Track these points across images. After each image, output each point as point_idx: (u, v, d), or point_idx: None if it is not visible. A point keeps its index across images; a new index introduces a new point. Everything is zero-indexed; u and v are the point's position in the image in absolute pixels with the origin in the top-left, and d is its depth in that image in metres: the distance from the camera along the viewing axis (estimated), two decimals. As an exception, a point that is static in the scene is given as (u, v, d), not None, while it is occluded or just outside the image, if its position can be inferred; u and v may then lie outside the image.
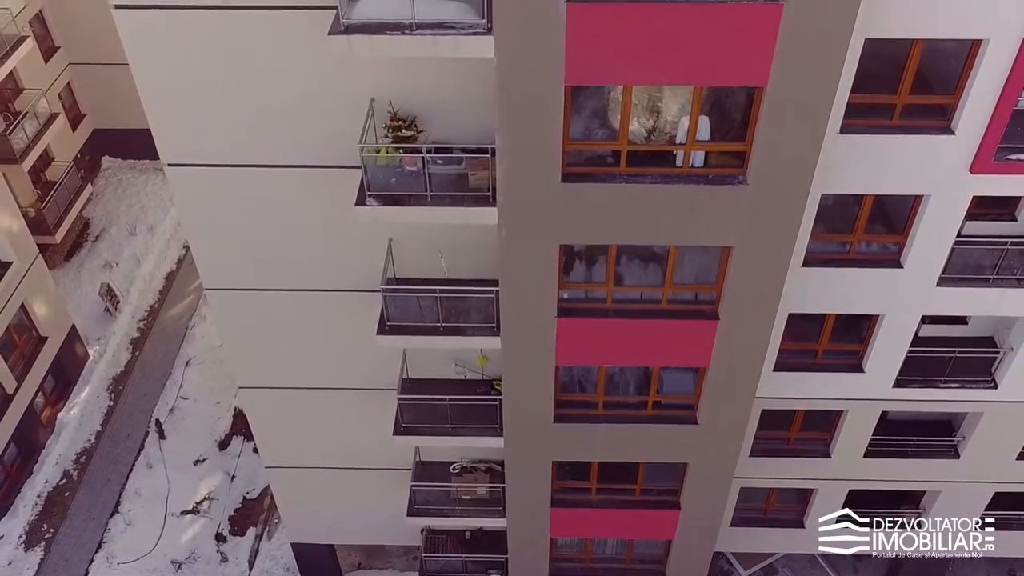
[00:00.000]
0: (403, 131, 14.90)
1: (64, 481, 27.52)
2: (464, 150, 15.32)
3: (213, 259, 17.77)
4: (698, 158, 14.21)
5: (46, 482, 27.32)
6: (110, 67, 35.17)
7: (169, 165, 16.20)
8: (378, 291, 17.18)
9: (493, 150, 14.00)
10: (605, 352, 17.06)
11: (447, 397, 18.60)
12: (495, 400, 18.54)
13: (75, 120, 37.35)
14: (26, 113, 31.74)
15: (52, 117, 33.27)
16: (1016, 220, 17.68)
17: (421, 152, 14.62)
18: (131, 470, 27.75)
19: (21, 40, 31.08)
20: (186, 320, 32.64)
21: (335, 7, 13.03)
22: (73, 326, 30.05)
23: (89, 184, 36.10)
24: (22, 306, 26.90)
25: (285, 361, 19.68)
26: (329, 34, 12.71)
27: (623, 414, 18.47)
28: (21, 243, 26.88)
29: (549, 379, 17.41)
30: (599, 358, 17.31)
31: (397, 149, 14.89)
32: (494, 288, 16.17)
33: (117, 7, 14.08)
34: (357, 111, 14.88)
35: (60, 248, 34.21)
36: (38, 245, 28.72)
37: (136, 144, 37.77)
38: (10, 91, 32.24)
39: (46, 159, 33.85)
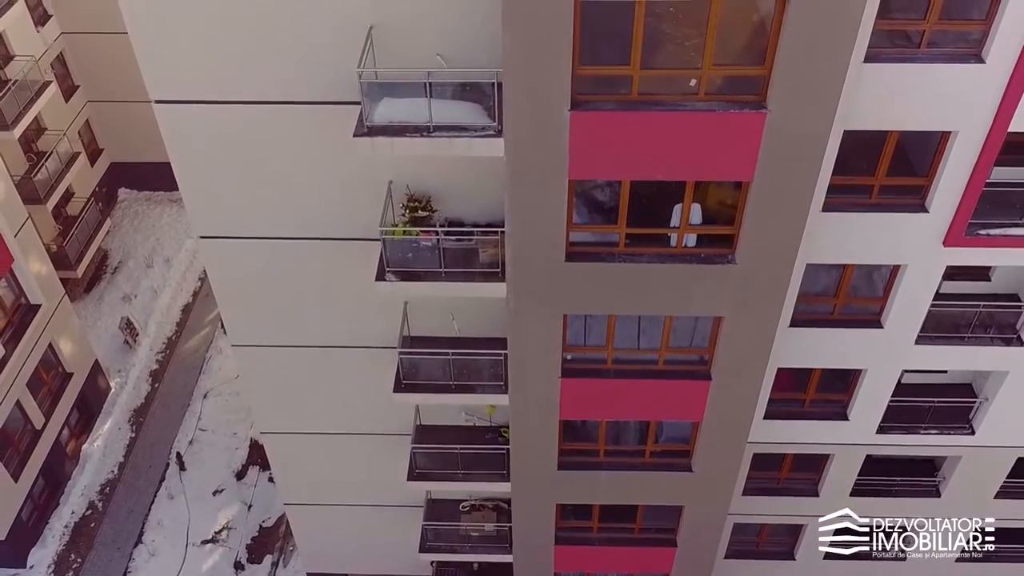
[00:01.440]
0: (419, 212, 16.17)
1: (90, 512, 28.79)
2: (475, 225, 16.64)
3: (241, 319, 19.04)
4: (691, 239, 15.47)
5: (72, 513, 28.58)
6: (127, 104, 36.39)
7: (201, 237, 17.45)
8: (394, 348, 18.51)
9: (502, 229, 15.27)
10: (606, 408, 18.35)
11: (458, 447, 19.83)
12: (503, 449, 19.77)
13: (93, 155, 38.55)
14: (49, 154, 32.97)
15: (74, 156, 34.53)
16: (990, 280, 18.94)
17: (436, 230, 15.86)
18: (153, 501, 29.00)
19: (45, 85, 32.35)
20: (203, 352, 33.91)
21: (357, 103, 14.31)
22: (96, 360, 31.30)
23: (108, 218, 37.37)
24: (49, 345, 28.16)
25: (306, 409, 20.96)
26: (354, 136, 14.00)
27: (623, 462, 19.73)
28: (49, 285, 28.14)
29: (554, 431, 18.68)
30: (600, 413, 18.60)
31: (414, 226, 16.15)
32: (503, 351, 17.42)
33: (158, 102, 15.34)
34: (377, 191, 16.17)
35: (81, 281, 35.44)
36: (60, 279, 29.93)
37: (151, 176, 39.33)
38: (33, 132, 33.44)
39: (66, 195, 35.06)
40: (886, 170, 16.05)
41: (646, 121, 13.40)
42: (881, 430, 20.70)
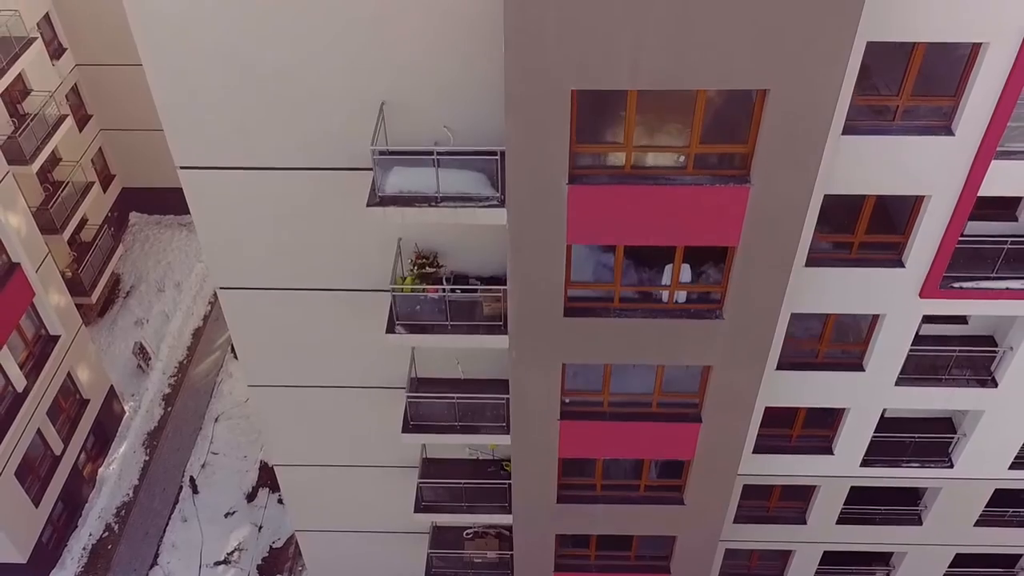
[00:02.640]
0: (426, 268, 17.24)
1: (107, 534, 29.84)
2: (479, 278, 17.73)
3: (258, 361, 20.07)
4: (681, 296, 16.54)
5: (90, 535, 29.62)
6: (138, 132, 37.47)
7: (221, 288, 18.50)
8: (403, 389, 19.61)
9: (504, 287, 16.33)
10: (602, 447, 19.44)
11: (462, 481, 20.89)
12: (505, 483, 20.83)
13: (105, 181, 39.59)
14: (66, 184, 34.03)
15: (88, 186, 35.61)
16: (967, 323, 19.99)
17: (442, 288, 16.93)
18: (167, 523, 30.06)
19: (62, 119, 33.42)
20: (213, 376, 34.97)
21: (369, 168, 15.36)
22: (111, 386, 32.36)
23: (120, 244, 38.43)
24: (68, 374, 29.22)
25: (318, 443, 22.01)
26: (367, 206, 15.05)
27: (618, 495, 20.82)
28: (67, 316, 29.19)
29: (553, 468, 19.76)
30: (597, 452, 19.68)
31: (421, 282, 17.22)
32: (505, 395, 18.49)
33: (182, 168, 16.40)
34: (387, 247, 17.22)
35: (95, 306, 36.47)
36: (75, 304, 30.87)
37: (161, 200, 40.43)
38: (49, 163, 34.46)
39: (81, 222, 36.05)
40: (865, 228, 17.10)
41: (638, 194, 14.47)
42: (865, 463, 21.76)
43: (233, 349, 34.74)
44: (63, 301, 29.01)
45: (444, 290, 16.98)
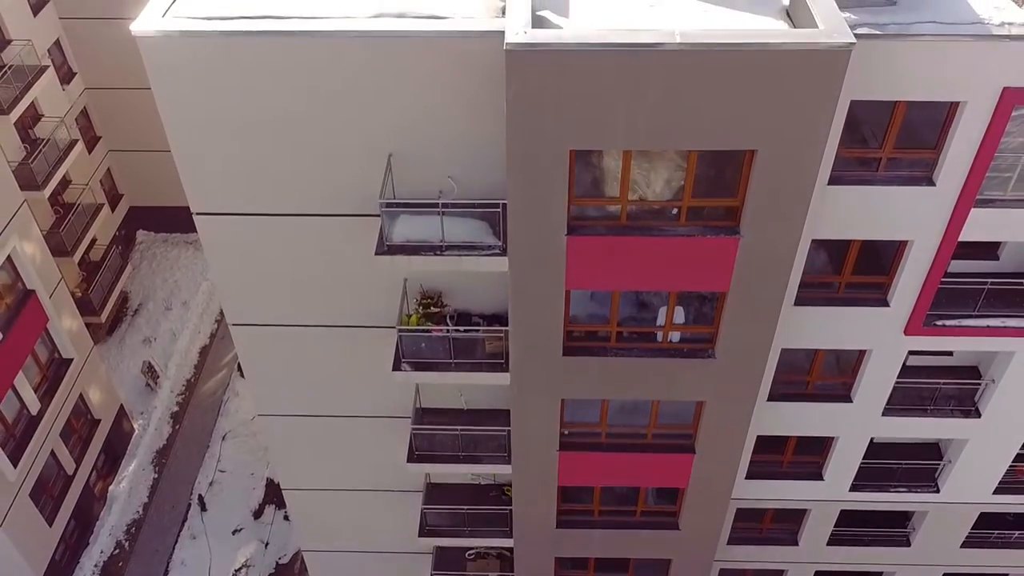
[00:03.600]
0: (431, 308, 17.99)
1: (117, 551, 30.59)
2: (481, 315, 18.49)
3: (270, 391, 20.80)
4: (675, 335, 17.29)
5: (101, 552, 30.36)
6: (146, 153, 38.23)
7: (234, 324, 19.24)
8: (408, 418, 20.37)
9: (506, 328, 17.08)
10: (600, 476, 20.24)
11: (465, 507, 21.64)
12: (506, 509, 21.58)
13: (113, 200, 40.36)
14: (76, 207, 34.79)
15: (98, 208, 36.36)
16: (952, 355, 20.74)
17: (446, 328, 17.68)
18: (176, 540, 30.82)
19: (73, 143, 34.20)
20: (220, 394, 35.73)
21: (376, 215, 16.10)
22: (121, 405, 33.12)
23: (128, 264, 39.18)
24: (80, 395, 29.97)
25: (326, 468, 22.75)
26: (376, 254, 15.81)
27: (616, 520, 21.60)
28: (78, 339, 29.95)
29: (552, 496, 20.53)
30: (595, 481, 20.48)
31: (426, 321, 17.98)
32: (506, 428, 19.24)
33: (198, 214, 17.14)
34: (393, 286, 17.96)
35: (103, 325, 37.22)
36: (84, 323, 31.59)
37: (168, 218, 41.17)
38: (60, 186, 35.19)
39: (91, 243, 36.79)
40: (851, 269, 17.86)
41: (634, 244, 15.24)
42: (854, 488, 22.53)
43: (239, 368, 35.54)
44: (75, 325, 29.76)
45: (448, 330, 17.71)
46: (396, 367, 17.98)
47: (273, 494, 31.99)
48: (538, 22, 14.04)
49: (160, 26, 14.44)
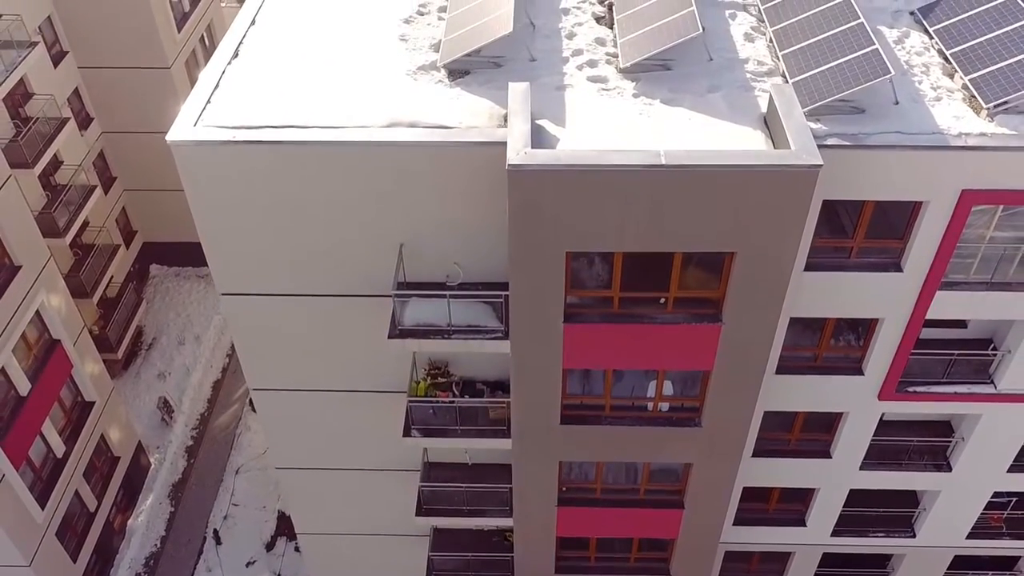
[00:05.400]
0: (439, 378, 19.42)
1: (137, 584, 32.09)
2: (484, 382, 19.93)
3: (287, 447, 22.20)
4: (664, 406, 18.70)
5: (121, 585, 31.87)
6: (159, 192, 39.57)
7: (255, 389, 20.66)
8: (417, 471, 21.80)
9: (507, 399, 18.51)
10: (596, 528, 21.66)
11: (469, 554, 23.07)
12: (508, 556, 22.99)
13: (128, 237, 41.69)
14: (95, 250, 36.17)
15: (115, 248, 37.73)
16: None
17: (452, 400, 19.12)
18: (193, 573, 32.18)
19: (92, 189, 35.60)
20: (233, 428, 37.11)
21: (388, 295, 17.51)
22: (139, 441, 34.52)
23: (143, 300, 40.55)
24: (101, 435, 31.34)
25: (338, 514, 24.17)
26: (388, 338, 17.25)
27: (611, 566, 23.06)
28: (100, 382, 31.33)
29: (551, 545, 21.96)
30: (591, 532, 21.89)
31: (434, 389, 19.41)
32: (508, 485, 20.65)
33: (223, 294, 18.55)
34: (404, 355, 19.36)
35: (119, 360, 38.54)
36: (102, 360, 32.87)
37: (180, 253, 42.53)
38: (78, 228, 36.51)
39: (109, 282, 38.15)
40: (828, 342, 19.27)
41: (625, 330, 16.66)
42: (835, 533, 23.97)
43: (251, 402, 36.91)
44: (97, 369, 31.14)
45: (454, 400, 19.14)
46: (406, 433, 19.40)
47: (284, 526, 33.34)
48: (536, 132, 15.54)
49: (192, 136, 15.88)
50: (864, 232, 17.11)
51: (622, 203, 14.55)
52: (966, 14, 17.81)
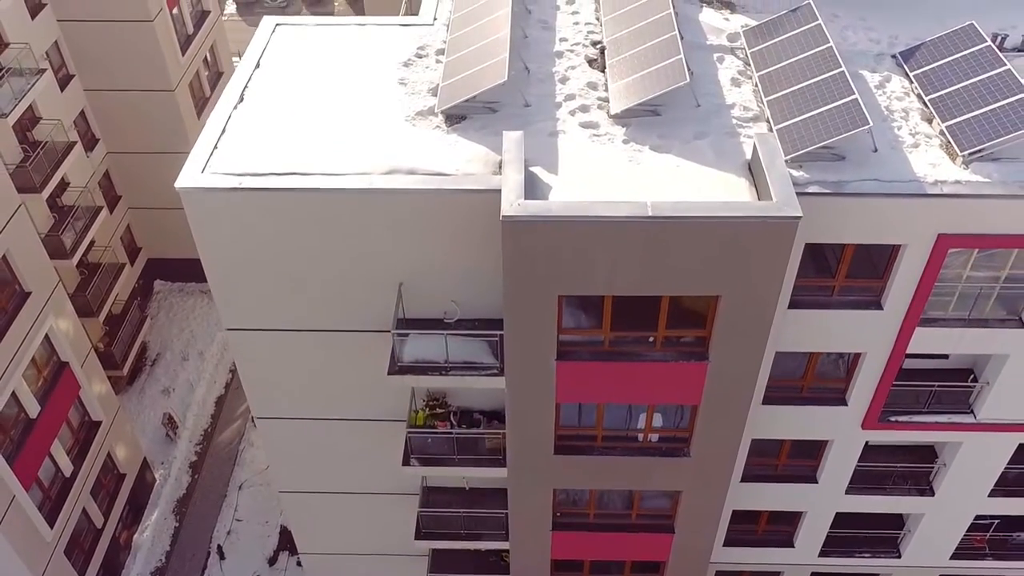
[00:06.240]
0: (437, 408, 20.13)
1: (142, 600, 32.80)
2: (481, 412, 20.63)
3: (290, 473, 22.93)
4: (654, 436, 19.39)
5: (127, 601, 32.57)
6: (163, 211, 40.24)
7: (258, 418, 21.36)
8: (416, 495, 22.50)
9: (503, 430, 19.20)
10: (589, 551, 22.33)
11: (467, 575, 23.77)
12: (505, 577, 23.76)
13: (132, 254, 42.39)
14: (101, 269, 36.87)
15: (121, 267, 38.43)
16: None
17: (449, 431, 19.82)
18: (197, 588, 33.05)
19: (99, 210, 36.31)
20: (235, 444, 37.82)
21: (387, 331, 18.19)
22: (144, 458, 35.23)
23: (148, 317, 41.26)
24: (108, 453, 32.05)
25: (340, 535, 24.88)
26: (388, 374, 17.94)
27: (604, 586, 23.72)
28: (107, 401, 32.03)
29: (546, 567, 22.63)
30: (585, 555, 22.57)
31: (432, 419, 20.12)
32: (504, 510, 21.35)
33: (229, 329, 19.26)
34: (404, 387, 20.04)
35: (124, 376, 39.24)
36: (107, 376, 33.53)
37: (183, 269, 43.11)
38: (85, 247, 37.20)
39: (113, 300, 38.86)
40: (812, 374, 19.97)
41: (615, 368, 17.34)
42: (823, 553, 24.67)
43: (253, 418, 37.60)
44: (103, 388, 31.84)
45: (452, 431, 19.84)
46: (406, 462, 20.10)
47: (286, 541, 34.02)
48: (530, 179, 16.22)
49: (200, 183, 16.58)
50: (846, 272, 17.79)
51: (611, 251, 15.22)
52: (944, 60, 18.48)
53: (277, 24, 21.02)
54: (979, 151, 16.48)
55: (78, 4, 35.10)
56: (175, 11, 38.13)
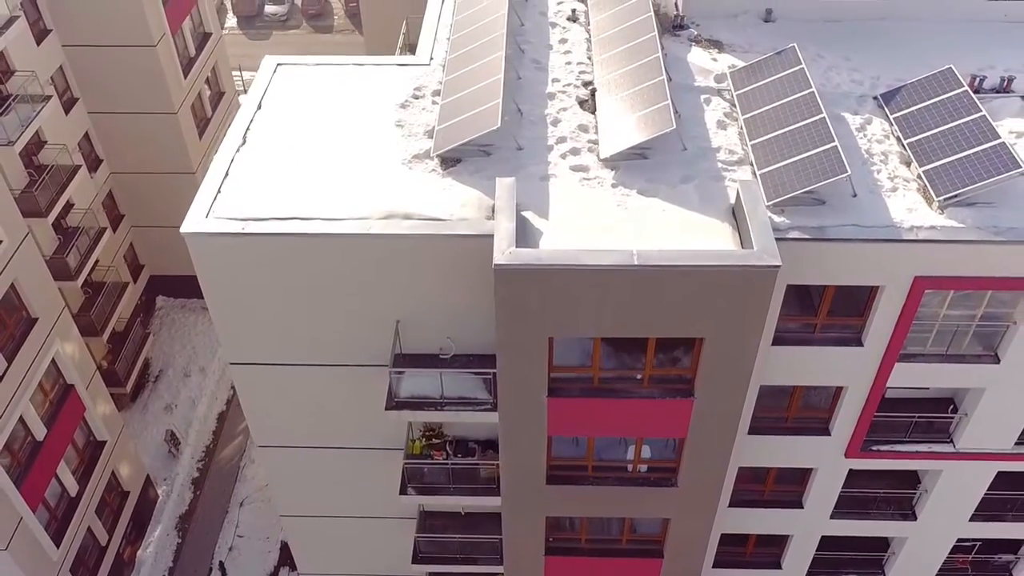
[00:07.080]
0: (433, 438, 20.79)
1: (146, 615, 33.46)
2: (476, 441, 21.28)
3: (291, 497, 23.57)
4: (643, 467, 20.04)
5: (131, 616, 33.22)
6: (164, 229, 40.85)
7: (260, 446, 22.02)
8: (412, 519, 23.16)
9: (497, 461, 19.85)
10: (581, 575, 22.94)
11: (462, 597, 24.48)
12: (499, 598, 24.37)
13: (135, 272, 43.08)
14: (105, 287, 37.52)
15: (124, 286, 39.10)
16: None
17: (445, 462, 20.47)
18: (200, 604, 33.70)
19: (103, 231, 36.98)
20: (237, 460, 38.48)
21: (384, 365, 18.85)
22: (148, 475, 35.89)
23: (150, 334, 41.92)
24: (112, 472, 32.72)
25: (338, 553, 25.53)
26: (385, 409, 18.60)
27: (597, 609, 24.33)
28: (111, 422, 32.70)
29: (540, 590, 23.31)
30: (576, 578, 23.24)
31: (429, 449, 20.78)
32: (499, 536, 21.99)
33: (231, 363, 19.92)
34: (401, 421, 20.70)
35: (127, 393, 39.90)
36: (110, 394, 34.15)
37: (185, 285, 43.75)
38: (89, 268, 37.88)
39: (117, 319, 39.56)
40: (798, 405, 20.62)
41: (604, 404, 17.99)
42: (810, 574, 25.28)
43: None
44: (108, 409, 32.50)
45: (447, 461, 20.50)
46: (403, 491, 20.77)
47: (287, 557, 34.69)
48: (521, 225, 16.84)
49: (204, 228, 17.26)
50: (827, 310, 18.45)
51: (599, 296, 15.86)
52: (922, 104, 19.12)
53: (278, 64, 21.68)
54: (954, 196, 17.08)
55: (83, 30, 35.78)
56: (177, 35, 38.80)
